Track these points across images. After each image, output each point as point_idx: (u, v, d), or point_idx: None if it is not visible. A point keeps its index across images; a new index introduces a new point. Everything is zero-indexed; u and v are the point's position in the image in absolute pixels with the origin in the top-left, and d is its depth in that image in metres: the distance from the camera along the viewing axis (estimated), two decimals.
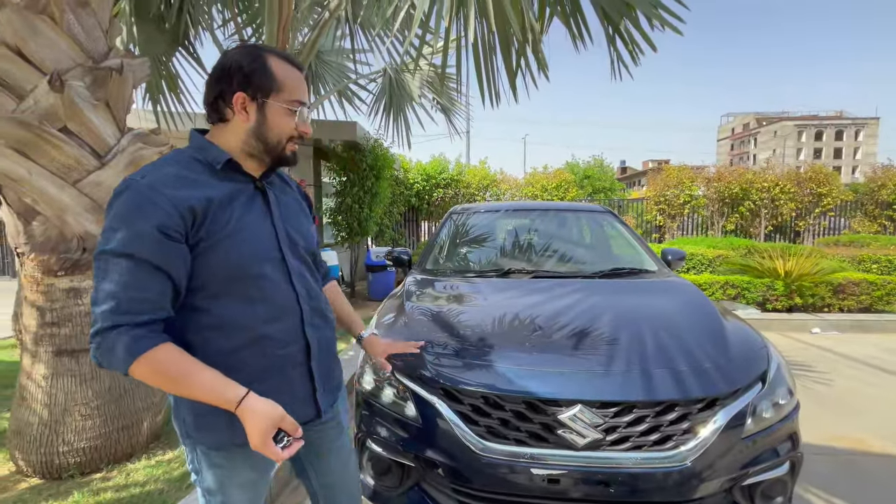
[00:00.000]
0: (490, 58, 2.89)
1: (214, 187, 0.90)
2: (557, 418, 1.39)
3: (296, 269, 1.00)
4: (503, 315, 1.85)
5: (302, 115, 0.97)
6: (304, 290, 1.01)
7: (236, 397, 0.82)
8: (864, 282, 5.58)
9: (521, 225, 3.10)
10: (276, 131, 0.94)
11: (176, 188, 0.85)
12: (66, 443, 2.04)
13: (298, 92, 0.96)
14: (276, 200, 1.01)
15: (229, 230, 0.89)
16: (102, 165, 2.07)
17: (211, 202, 0.87)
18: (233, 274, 0.90)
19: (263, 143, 0.94)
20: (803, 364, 4.01)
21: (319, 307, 1.05)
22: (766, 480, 1.45)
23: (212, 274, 0.88)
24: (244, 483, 0.99)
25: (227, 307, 0.91)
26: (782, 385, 1.55)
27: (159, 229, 0.81)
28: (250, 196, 0.96)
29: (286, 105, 0.94)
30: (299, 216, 1.07)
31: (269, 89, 0.92)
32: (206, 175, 0.91)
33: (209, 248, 0.87)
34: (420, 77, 5.57)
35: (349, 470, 1.19)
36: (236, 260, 0.90)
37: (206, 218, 0.86)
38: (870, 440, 2.62)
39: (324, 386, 1.06)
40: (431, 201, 10.19)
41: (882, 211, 10.14)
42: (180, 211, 0.83)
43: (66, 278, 2.05)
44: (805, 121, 62.17)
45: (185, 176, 0.88)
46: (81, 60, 1.98)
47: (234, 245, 0.89)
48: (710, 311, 1.87)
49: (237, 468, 0.97)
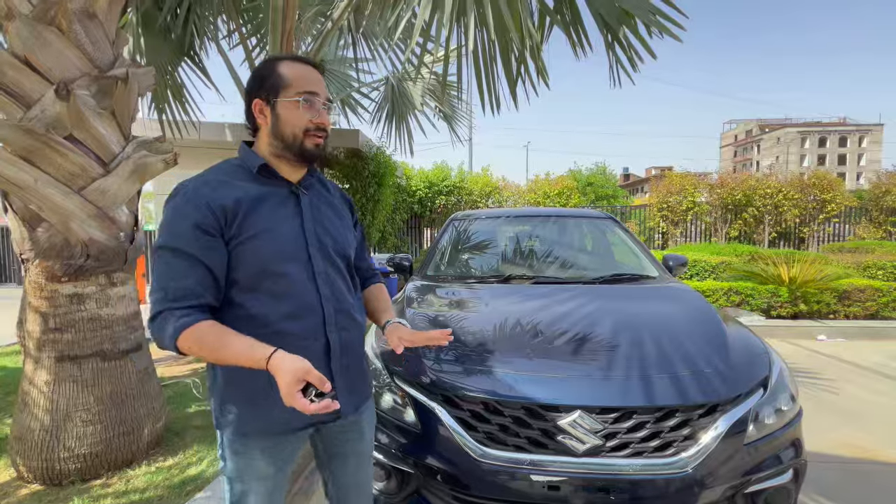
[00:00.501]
0: (490, 66, 2.92)
1: (248, 189, 0.99)
2: (557, 424, 1.38)
3: (322, 270, 1.03)
4: (503, 321, 1.85)
5: (315, 106, 1.00)
6: (329, 291, 1.04)
7: (264, 356, 0.86)
8: (870, 288, 5.54)
9: (522, 231, 3.11)
10: (288, 126, 0.99)
11: (214, 190, 0.96)
12: (67, 449, 2.04)
13: (304, 83, 1.00)
14: (308, 204, 1.07)
15: (258, 229, 0.97)
16: (107, 173, 2.09)
17: (240, 202, 0.96)
18: (259, 270, 0.97)
19: (281, 139, 1.00)
20: (809, 371, 3.97)
21: (346, 309, 1.07)
22: (770, 488, 1.43)
23: (243, 269, 0.96)
24: (262, 475, 1.03)
25: (255, 302, 0.97)
26: (784, 391, 1.54)
27: (196, 226, 0.92)
28: (283, 198, 1.03)
29: (293, 98, 0.98)
30: (334, 220, 1.11)
31: (277, 88, 0.99)
32: (244, 180, 1.01)
33: (241, 245, 0.95)
34: (422, 85, 5.62)
35: (365, 474, 1.22)
36: (262, 257, 0.97)
37: (236, 216, 0.95)
38: (878, 449, 2.58)
39: (347, 388, 1.07)
40: (434, 208, 10.22)
41: (887, 217, 10.08)
42: (214, 210, 0.93)
43: (69, 284, 2.06)
44: (808, 127, 62.08)
45: (225, 181, 0.99)
46: (88, 70, 2.02)
47: (261, 243, 0.97)
48: (710, 317, 1.86)
49: (255, 459, 1.02)
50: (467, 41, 2.54)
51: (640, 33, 2.62)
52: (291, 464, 1.09)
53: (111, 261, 2.15)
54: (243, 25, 4.42)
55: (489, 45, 2.79)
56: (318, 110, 1.00)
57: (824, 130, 61.22)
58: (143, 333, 2.41)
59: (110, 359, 2.17)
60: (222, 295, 0.97)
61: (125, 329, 2.24)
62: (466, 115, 6.45)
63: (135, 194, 2.29)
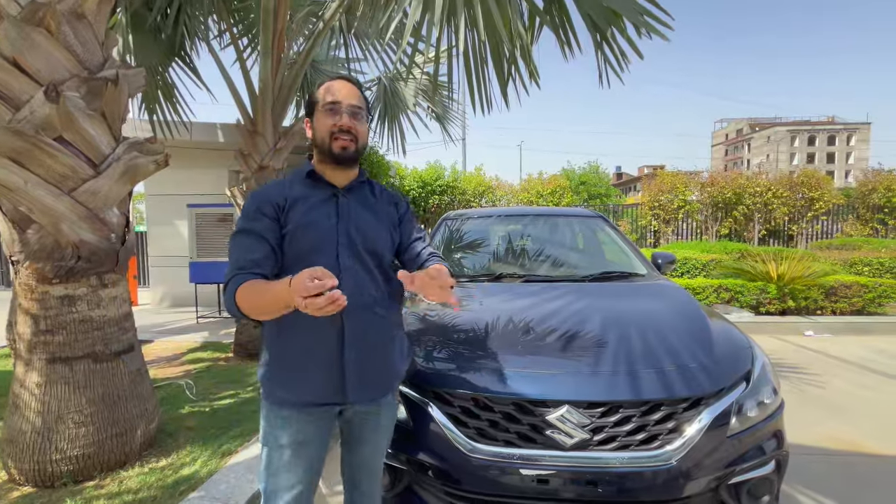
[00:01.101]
0: (481, 66, 2.95)
1: (296, 191, 1.18)
2: (546, 419, 1.41)
3: (348, 266, 1.16)
4: (493, 318, 1.88)
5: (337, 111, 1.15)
6: (353, 284, 1.14)
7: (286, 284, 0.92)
8: (856, 284, 5.64)
9: (514, 230, 3.13)
10: (319, 133, 1.18)
11: (271, 189, 1.19)
12: (59, 450, 2.04)
13: (328, 94, 1.16)
14: (347, 205, 1.21)
15: (297, 223, 1.14)
16: (98, 174, 2.09)
17: (287, 199, 1.16)
18: (295, 258, 1.13)
19: (318, 147, 1.19)
20: (796, 366, 4.04)
21: (367, 303, 1.18)
22: (753, 479, 1.47)
23: (287, 255, 1.14)
24: (281, 443, 1.15)
25: None
26: (767, 384, 1.58)
27: (260, 211, 1.14)
28: (324, 200, 1.19)
29: (322, 110, 1.17)
30: (370, 221, 1.23)
31: (314, 104, 1.19)
32: (299, 183, 1.21)
33: (287, 235, 1.14)
34: (414, 86, 5.64)
35: (377, 462, 1.34)
36: (297, 248, 1.13)
37: (283, 210, 1.15)
38: (863, 441, 2.64)
39: (359, 379, 1.17)
40: (427, 208, 10.24)
41: (874, 214, 10.24)
42: (272, 203, 1.15)
43: (60, 286, 2.06)
44: (797, 126, 62.81)
45: (284, 183, 1.21)
46: (77, 71, 2.02)
47: (298, 236, 1.14)
48: (695, 313, 1.90)
49: (276, 427, 1.16)
50: (458, 42, 2.56)
51: (628, 33, 2.66)
52: (310, 447, 1.17)
53: (102, 262, 2.15)
54: (234, 25, 4.41)
55: (480, 46, 2.81)
56: (339, 115, 1.15)
57: (813, 129, 61.98)
58: (135, 335, 2.41)
59: (102, 360, 2.16)
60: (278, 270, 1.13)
61: (117, 330, 2.24)
62: (459, 115, 6.47)
63: (126, 196, 2.29)
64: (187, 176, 6.77)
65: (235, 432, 2.57)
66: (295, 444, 1.16)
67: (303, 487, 1.18)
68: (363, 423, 1.25)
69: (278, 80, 3.99)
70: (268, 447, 1.18)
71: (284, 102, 4.12)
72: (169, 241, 6.96)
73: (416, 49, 3.37)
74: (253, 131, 3.99)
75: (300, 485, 1.17)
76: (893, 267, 6.76)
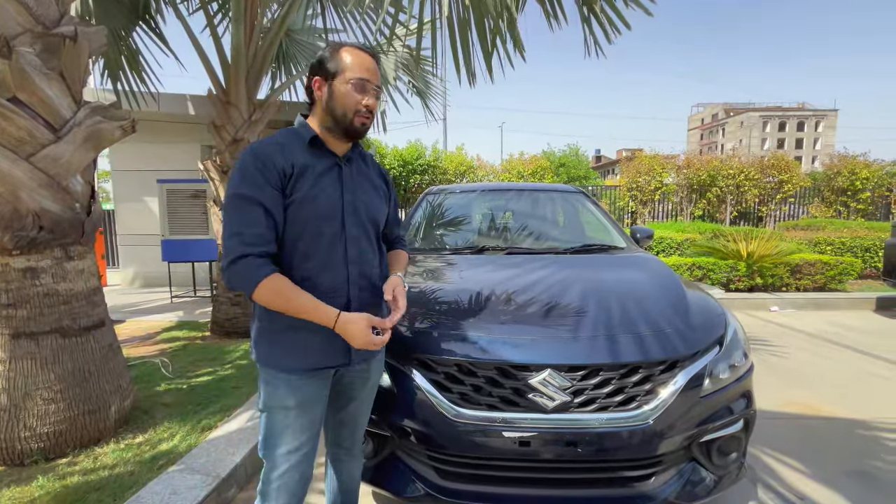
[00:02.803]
0: (466, 35, 2.88)
1: (302, 156, 1.15)
2: (528, 383, 1.43)
3: (353, 234, 1.18)
4: (476, 288, 1.88)
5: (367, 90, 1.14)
6: (356, 253, 1.19)
7: (333, 316, 1.09)
8: (819, 262, 5.90)
9: (496, 205, 3.13)
10: (341, 105, 1.14)
11: (276, 152, 1.12)
12: (28, 428, 1.97)
13: (360, 70, 1.14)
14: (349, 174, 1.21)
15: (305, 192, 1.12)
16: (58, 139, 1.97)
17: (294, 167, 1.12)
18: (302, 228, 1.12)
19: (332, 115, 1.15)
20: (762, 339, 4.24)
21: (367, 273, 1.22)
22: (722, 437, 1.54)
23: (292, 225, 1.12)
24: (284, 405, 1.17)
25: (298, 255, 1.13)
26: (738, 348, 1.64)
27: (266, 179, 1.08)
28: (328, 168, 1.17)
29: (348, 82, 1.13)
30: (369, 191, 1.26)
31: (336, 71, 1.14)
32: (298, 147, 1.16)
33: (293, 204, 1.11)
34: (395, 59, 5.48)
35: (361, 417, 1.38)
36: (305, 217, 1.12)
37: (290, 178, 1.11)
38: (819, 405, 2.80)
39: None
40: (408, 187, 10.13)
41: (837, 197, 10.68)
42: (277, 169, 1.10)
43: (21, 258, 1.96)
44: (769, 112, 64.47)
45: (284, 144, 1.15)
46: (31, 26, 1.87)
47: (306, 204, 1.12)
48: (672, 282, 1.95)
49: (279, 388, 1.16)
50: (441, 9, 2.48)
51: (616, 5, 2.64)
52: (315, 406, 1.20)
53: (66, 233, 2.04)
54: None
55: (464, 13, 2.74)
56: (369, 93, 1.14)
57: (784, 115, 63.75)
58: (105, 309, 2.32)
59: (70, 335, 2.08)
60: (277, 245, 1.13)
61: (85, 304, 2.15)
62: (441, 92, 6.35)
63: (90, 163, 2.17)
64: (156, 150, 6.48)
65: (215, 408, 2.54)
66: (300, 406, 1.17)
67: (308, 448, 1.20)
68: (354, 379, 1.30)
69: (252, 49, 3.81)
70: (269, 412, 1.18)
71: (259, 72, 3.95)
72: (138, 219, 6.68)
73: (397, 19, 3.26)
74: (226, 102, 3.82)
75: (306, 445, 1.19)
76: (854, 246, 7.10)
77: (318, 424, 1.24)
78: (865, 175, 10.31)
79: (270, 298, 1.06)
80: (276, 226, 1.10)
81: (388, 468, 1.60)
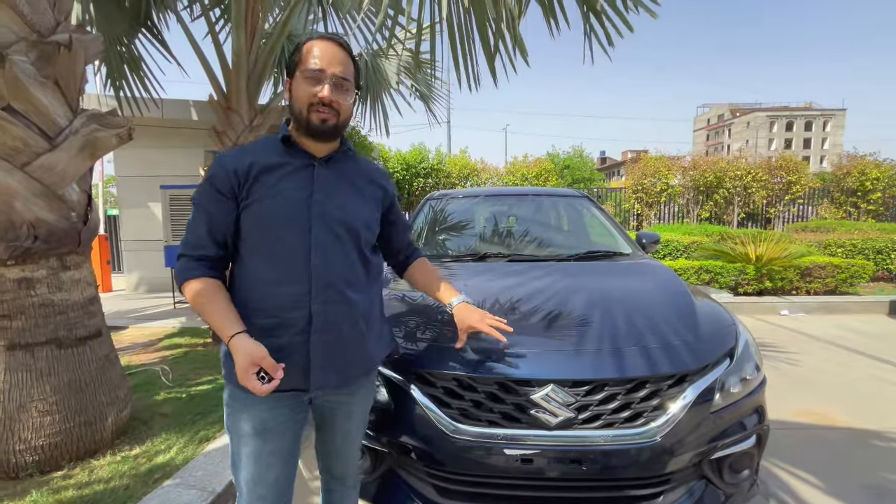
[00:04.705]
0: (466, 40, 2.84)
1: (266, 157, 1.06)
2: (530, 398, 1.38)
3: (321, 241, 1.05)
4: (477, 298, 1.82)
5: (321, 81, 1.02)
6: (321, 262, 1.05)
7: (230, 334, 0.98)
8: (830, 265, 5.79)
9: (498, 210, 3.08)
10: (297, 101, 1.04)
11: (237, 157, 1.06)
12: (22, 441, 1.94)
13: (312, 59, 1.02)
14: (325, 175, 1.09)
15: (264, 193, 1.03)
16: (53, 148, 1.95)
17: (253, 166, 1.04)
18: (259, 233, 1.04)
19: (294, 115, 1.06)
20: (772, 345, 4.14)
21: (336, 284, 1.07)
22: (734, 454, 1.48)
23: (248, 230, 1.04)
24: (244, 433, 1.08)
25: (254, 261, 1.05)
26: (749, 361, 1.58)
27: (212, 185, 1.04)
28: (298, 169, 1.07)
29: (301, 73, 1.03)
30: (349, 195, 1.12)
31: (295, 65, 1.05)
32: (271, 150, 1.08)
33: (248, 207, 1.03)
34: (397, 63, 5.46)
35: (349, 449, 1.28)
36: (262, 219, 1.03)
37: (247, 179, 1.03)
38: (833, 415, 2.72)
39: (324, 364, 1.07)
40: (412, 191, 10.11)
41: (847, 198, 10.53)
42: (229, 172, 1.03)
43: (16, 268, 1.93)
44: (776, 112, 63.92)
45: (250, 149, 1.09)
46: (25, 34, 1.85)
47: (264, 207, 1.03)
48: (680, 291, 1.89)
49: (240, 413, 1.08)
50: (441, 11, 2.45)
51: (618, 6, 2.58)
52: (281, 436, 1.09)
53: (62, 242, 2.02)
54: None
55: (465, 17, 2.70)
56: (321, 84, 1.01)
57: (791, 115, 63.18)
58: (103, 319, 2.30)
59: (66, 346, 2.06)
60: (227, 251, 1.08)
61: (82, 315, 2.12)
62: (444, 95, 6.32)
63: (87, 172, 2.15)
64: (160, 156, 6.50)
65: (213, 418, 2.50)
66: (261, 434, 1.07)
67: (274, 478, 1.09)
68: (334, 410, 1.18)
69: (253, 54, 3.80)
70: (232, 434, 1.10)
71: (260, 77, 3.94)
72: (143, 225, 6.70)
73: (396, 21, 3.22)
74: (227, 107, 3.81)
75: (272, 476, 1.08)
76: (865, 248, 6.97)
77: (289, 455, 1.12)
78: (876, 175, 10.15)
79: (192, 300, 1.03)
80: (220, 230, 1.05)
81: (386, 485, 1.55)
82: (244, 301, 1.05)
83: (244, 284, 1.06)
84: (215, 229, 1.04)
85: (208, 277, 1.03)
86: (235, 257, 1.09)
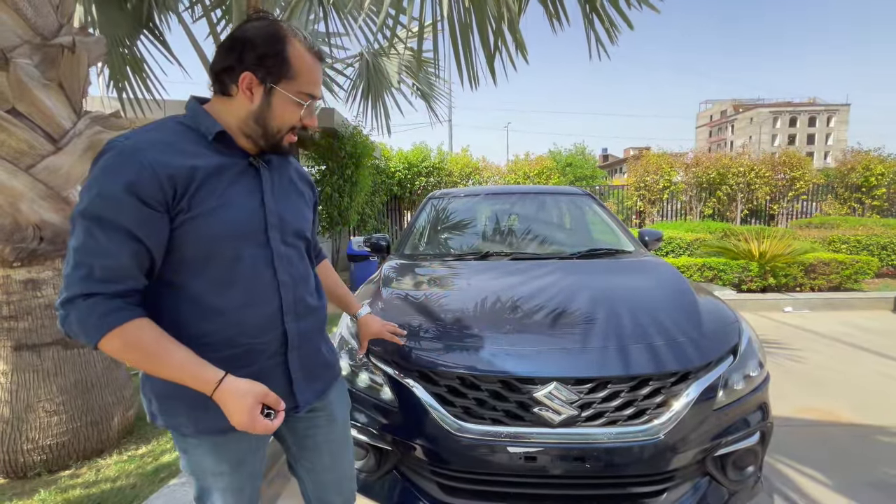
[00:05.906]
0: (467, 38, 2.84)
1: (202, 157, 0.85)
2: (533, 396, 1.38)
3: (282, 253, 0.94)
4: (480, 297, 1.83)
5: (311, 107, 0.92)
6: (288, 277, 0.95)
7: (215, 379, 0.80)
8: (834, 261, 5.76)
9: (501, 208, 3.08)
10: (278, 120, 0.89)
11: (161, 154, 0.80)
12: (30, 440, 1.96)
13: (312, 84, 0.90)
14: (269, 178, 0.95)
15: (212, 205, 0.84)
16: (57, 150, 1.96)
17: (195, 171, 0.83)
18: (210, 252, 0.85)
19: (263, 128, 0.89)
20: (776, 342, 4.13)
21: (304, 298, 0.99)
22: (738, 451, 1.48)
23: (191, 249, 0.84)
24: (214, 472, 0.95)
25: (203, 286, 0.86)
26: (753, 357, 1.58)
27: (137, 195, 0.77)
28: (240, 171, 0.90)
29: (295, 95, 0.89)
30: (292, 197, 1.00)
31: (280, 75, 0.87)
32: (194, 145, 0.86)
33: (190, 221, 0.82)
34: (398, 62, 5.46)
35: (343, 466, 1.14)
36: (214, 237, 0.85)
37: (188, 189, 0.82)
38: (838, 411, 2.71)
39: (305, 377, 1.01)
40: (413, 190, 10.11)
41: (851, 194, 10.46)
42: (160, 178, 0.79)
43: (23, 269, 1.95)
44: (779, 107, 63.58)
45: (172, 142, 0.83)
46: (29, 37, 1.87)
47: (214, 221, 0.84)
48: (683, 288, 1.89)
49: (204, 456, 0.94)
50: (441, 9, 2.45)
51: (619, 3, 2.58)
52: (251, 461, 1.00)
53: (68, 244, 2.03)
54: None
55: (465, 15, 2.70)
56: (311, 112, 0.93)
57: (795, 110, 62.83)
58: None
59: (72, 347, 2.07)
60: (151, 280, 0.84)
61: None
62: (445, 94, 6.31)
63: None
64: None
65: None
66: (236, 465, 0.96)
67: (248, 493, 1.02)
68: (313, 423, 1.08)
69: None
70: (197, 475, 0.97)
71: None
72: None
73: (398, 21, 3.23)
74: None
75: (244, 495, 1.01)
76: (870, 244, 6.93)
77: (258, 478, 1.03)
78: (880, 171, 10.08)
79: (131, 354, 0.78)
80: (152, 258, 0.81)
81: (390, 483, 1.56)
82: (192, 336, 0.84)
83: (188, 317, 0.86)
84: (143, 254, 0.79)
85: (143, 318, 0.79)
86: (160, 285, 0.85)
